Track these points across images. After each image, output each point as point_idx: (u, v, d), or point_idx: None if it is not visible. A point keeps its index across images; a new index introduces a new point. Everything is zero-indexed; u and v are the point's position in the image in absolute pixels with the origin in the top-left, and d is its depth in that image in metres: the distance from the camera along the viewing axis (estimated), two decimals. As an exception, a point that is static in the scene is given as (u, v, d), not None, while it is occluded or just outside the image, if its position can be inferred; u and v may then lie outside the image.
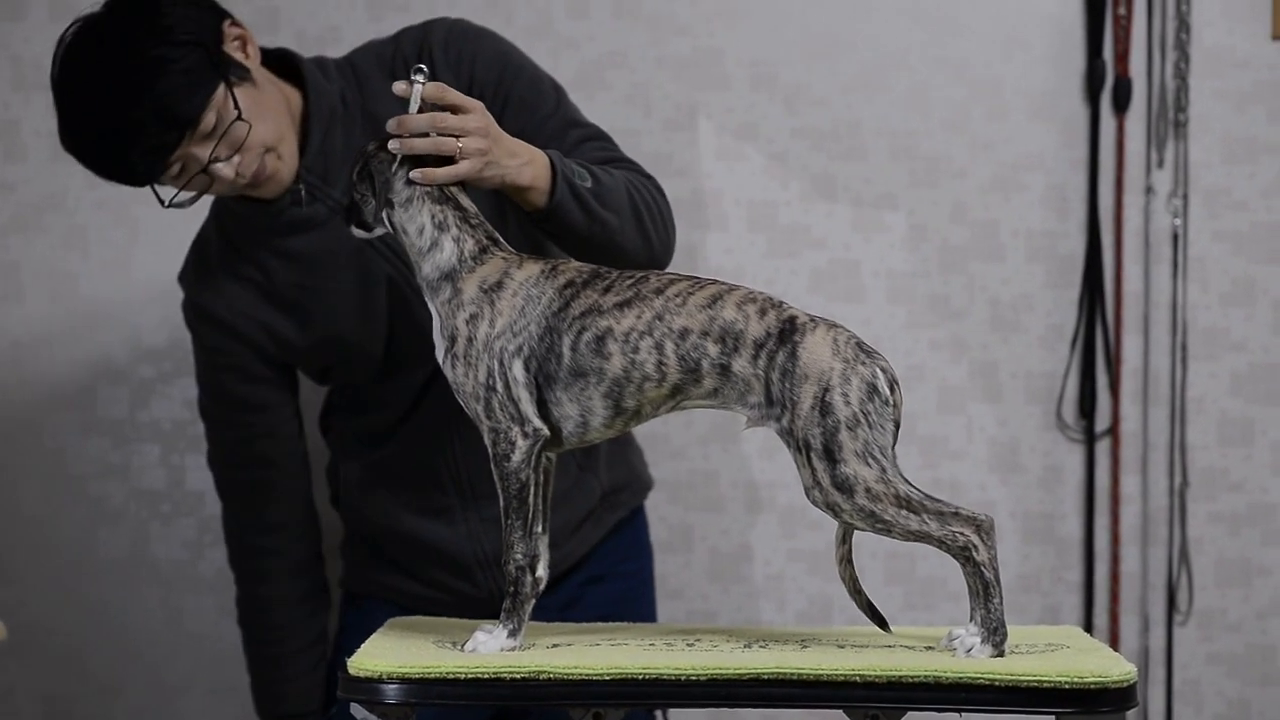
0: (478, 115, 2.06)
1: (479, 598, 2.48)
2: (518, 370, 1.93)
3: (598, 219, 2.21)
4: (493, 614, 2.08)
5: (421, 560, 2.50)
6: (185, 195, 2.29)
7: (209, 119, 2.21)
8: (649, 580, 2.69)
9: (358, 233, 2.08)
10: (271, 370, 2.47)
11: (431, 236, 1.99)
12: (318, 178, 2.35)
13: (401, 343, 2.41)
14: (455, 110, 2.05)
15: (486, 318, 1.95)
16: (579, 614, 2.46)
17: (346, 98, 2.38)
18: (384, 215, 2.02)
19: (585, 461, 2.52)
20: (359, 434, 2.54)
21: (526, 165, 2.14)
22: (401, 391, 2.45)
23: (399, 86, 2.04)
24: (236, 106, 2.22)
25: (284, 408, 2.51)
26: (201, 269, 2.47)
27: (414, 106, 2.02)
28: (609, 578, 2.58)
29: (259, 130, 2.25)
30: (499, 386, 1.93)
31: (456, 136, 2.03)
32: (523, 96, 2.39)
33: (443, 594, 2.50)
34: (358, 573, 2.62)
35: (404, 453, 2.47)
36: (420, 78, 2.03)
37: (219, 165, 2.24)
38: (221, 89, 2.21)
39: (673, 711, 2.44)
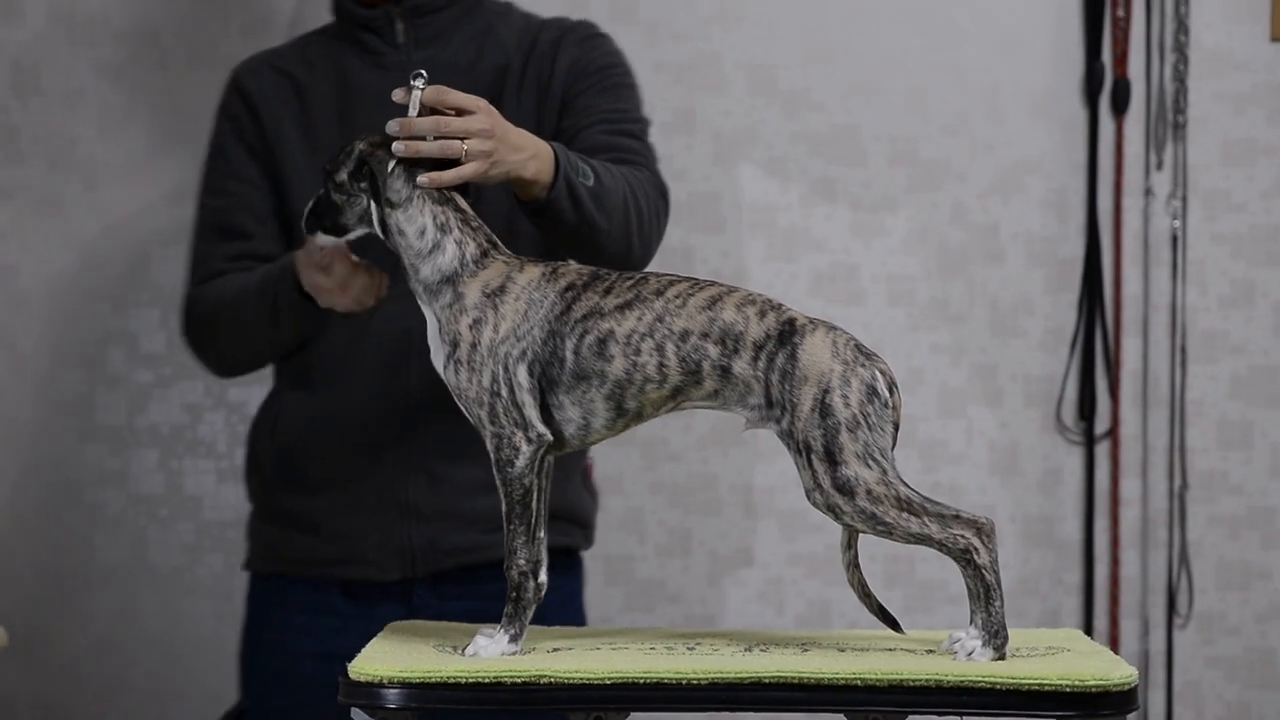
0: (481, 116, 2.06)
1: (385, 582, 2.42)
2: (522, 375, 1.93)
3: (587, 220, 2.22)
4: (397, 601, 2.24)
5: (338, 508, 2.42)
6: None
7: None
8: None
9: (322, 240, 2.07)
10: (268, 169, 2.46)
11: (433, 239, 1.98)
12: (432, 28, 2.44)
13: None
14: (459, 112, 2.04)
15: (490, 322, 1.94)
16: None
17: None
18: (377, 216, 2.00)
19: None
20: (315, 346, 2.44)
21: (531, 159, 2.14)
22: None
23: (398, 94, 2.03)
24: None
25: (271, 217, 2.47)
26: (261, 58, 2.53)
27: (414, 110, 2.02)
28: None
29: None
30: (503, 392, 1.93)
31: (461, 138, 2.02)
32: (616, 89, 2.48)
33: (345, 553, 2.42)
34: (268, 547, 2.52)
35: (351, 370, 2.42)
36: (419, 82, 2.02)
37: None
38: None
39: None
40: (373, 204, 2.00)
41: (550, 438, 1.94)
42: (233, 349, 2.46)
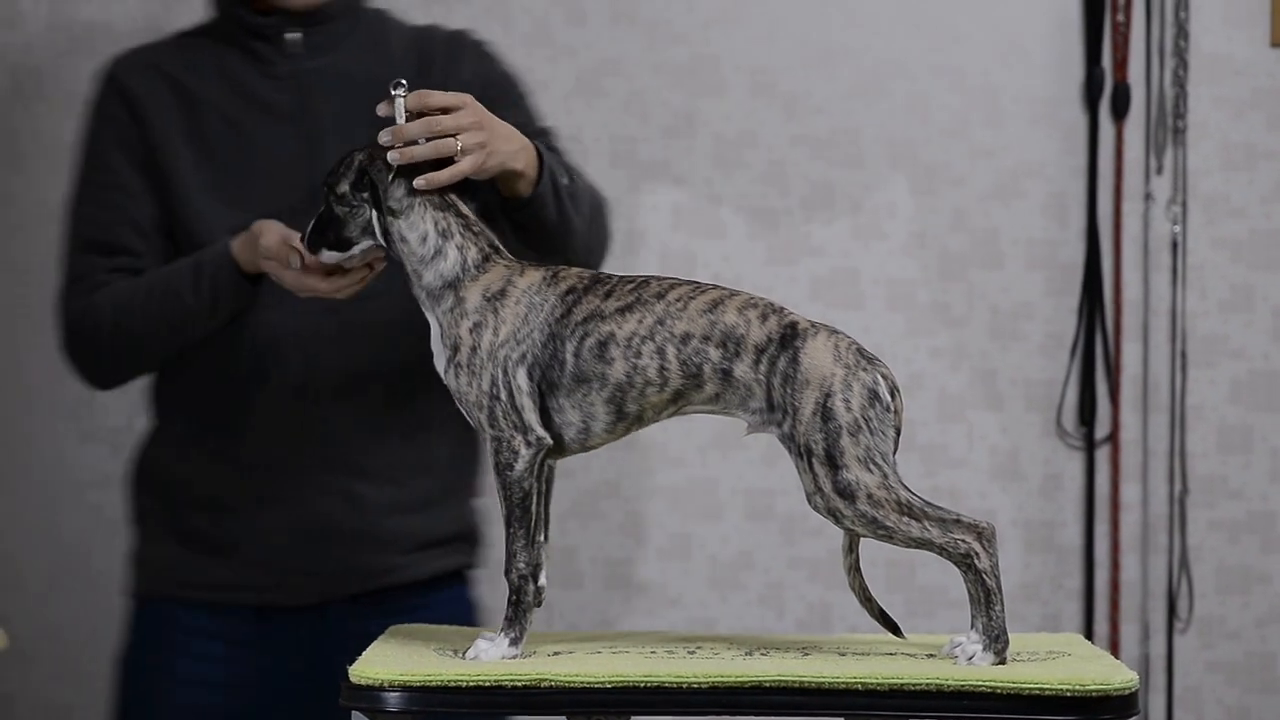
0: (469, 110, 2.06)
1: (295, 587, 2.37)
2: (521, 378, 1.93)
3: (565, 218, 2.23)
4: (312, 625, 2.25)
5: (251, 532, 2.35)
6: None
7: None
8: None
9: (328, 256, 2.04)
10: (152, 179, 2.36)
11: (435, 244, 1.98)
12: (325, 36, 2.38)
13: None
14: (445, 111, 2.04)
15: (490, 326, 1.94)
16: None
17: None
18: (379, 226, 2.00)
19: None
20: (213, 364, 2.35)
21: (521, 150, 2.15)
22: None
23: (382, 108, 2.02)
24: None
25: (157, 230, 2.36)
26: (139, 56, 2.42)
27: (400, 118, 2.01)
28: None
29: None
30: (503, 395, 1.93)
31: (453, 136, 2.03)
32: (520, 102, 2.42)
33: (260, 578, 2.35)
34: (168, 570, 2.40)
35: (258, 389, 2.34)
36: (400, 91, 2.02)
37: None
38: None
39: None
40: (374, 213, 2.00)
41: (550, 441, 1.94)
42: (137, 354, 2.34)
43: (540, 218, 2.22)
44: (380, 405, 2.37)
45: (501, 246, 2.02)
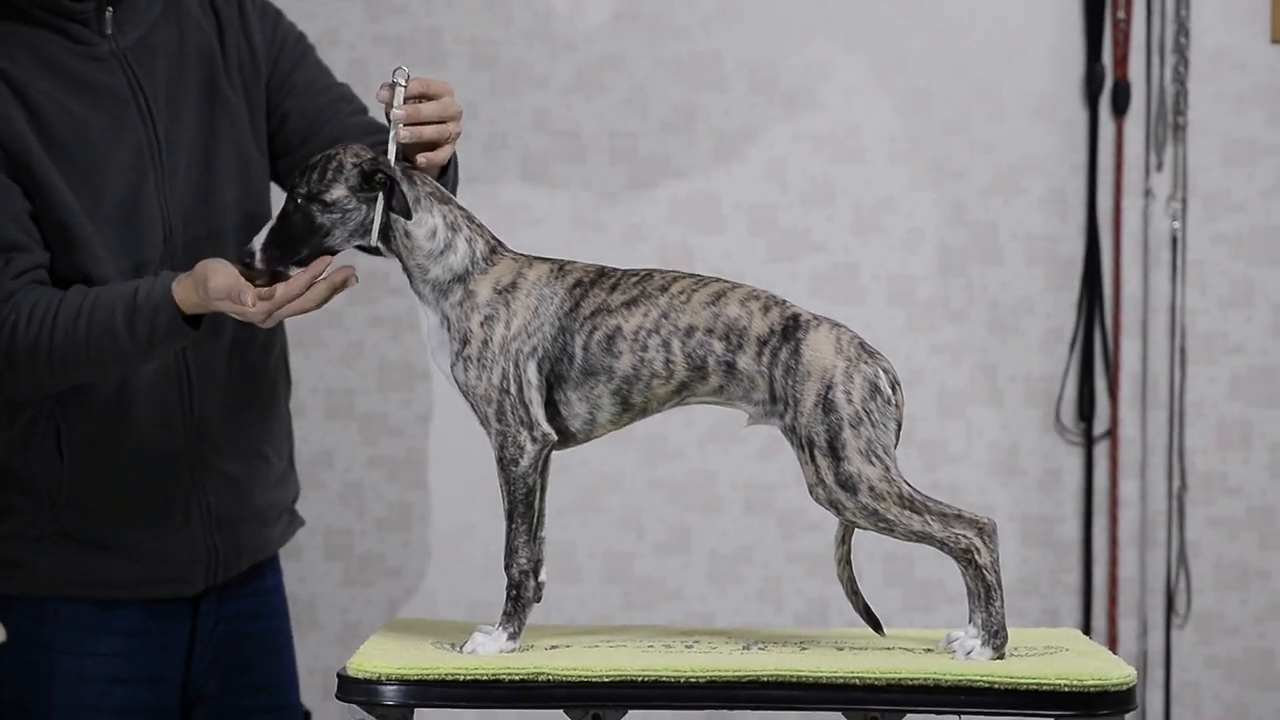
0: (453, 96, 2.06)
1: (187, 577, 2.33)
2: (531, 372, 1.93)
3: (452, 186, 2.20)
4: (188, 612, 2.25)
5: (140, 524, 2.29)
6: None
7: None
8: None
9: (295, 273, 1.97)
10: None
11: (445, 238, 1.96)
12: (129, 10, 2.26)
13: (140, 213, 2.23)
14: (436, 97, 2.04)
15: (502, 319, 1.93)
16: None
17: None
18: (380, 225, 1.95)
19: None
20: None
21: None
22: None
23: (382, 93, 2.01)
24: None
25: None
26: None
27: (399, 101, 2.00)
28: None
29: None
30: (512, 389, 1.92)
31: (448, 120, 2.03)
32: (317, 60, 2.38)
33: (152, 571, 2.31)
34: (56, 570, 2.30)
35: (133, 382, 2.26)
36: (402, 78, 2.01)
37: None
38: None
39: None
40: (377, 214, 1.95)
41: (555, 437, 1.94)
42: (59, 379, 2.21)
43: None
44: (241, 383, 2.34)
45: (502, 240, 2.01)
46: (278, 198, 2.07)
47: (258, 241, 1.97)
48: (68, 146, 2.22)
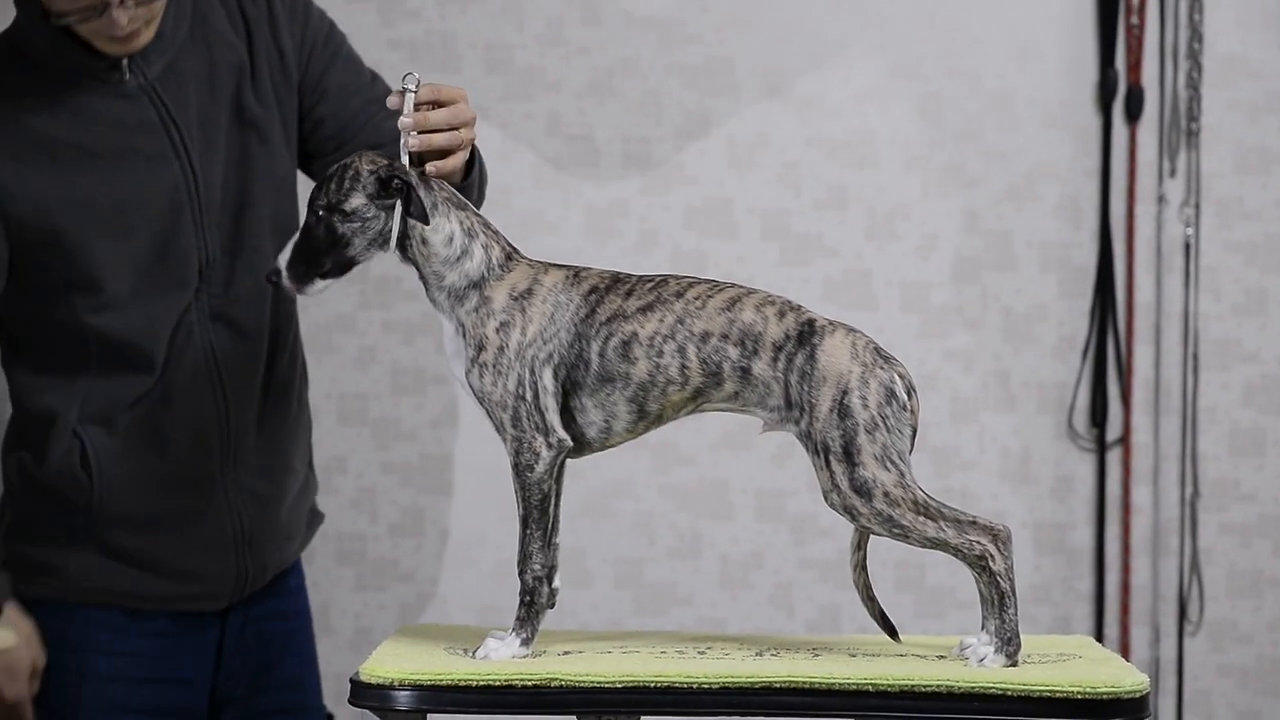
0: (467, 102, 2.06)
1: (216, 594, 2.34)
2: (547, 378, 1.93)
3: (475, 197, 2.18)
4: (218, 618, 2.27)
5: (174, 543, 2.30)
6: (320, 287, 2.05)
7: None
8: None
9: (320, 286, 1.96)
10: None
11: (462, 244, 1.96)
12: (154, 55, 2.22)
13: (174, 247, 2.22)
14: (448, 104, 2.04)
15: (518, 325, 1.93)
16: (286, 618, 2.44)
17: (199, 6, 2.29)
18: (398, 232, 1.95)
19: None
20: (118, 387, 2.26)
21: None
22: (163, 318, 2.24)
23: (393, 100, 2.01)
24: None
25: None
26: None
27: (408, 107, 2.00)
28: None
29: None
30: (528, 395, 1.92)
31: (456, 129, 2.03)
32: (349, 54, 2.36)
33: (182, 588, 2.32)
34: (86, 579, 2.31)
35: (167, 406, 2.26)
36: (412, 84, 2.01)
37: (117, 10, 2.11)
38: None
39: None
40: (396, 221, 1.95)
41: (570, 443, 1.94)
42: None
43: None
44: (271, 397, 2.34)
45: (516, 246, 2.01)
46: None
47: (283, 260, 1.96)
48: (95, 198, 2.19)
